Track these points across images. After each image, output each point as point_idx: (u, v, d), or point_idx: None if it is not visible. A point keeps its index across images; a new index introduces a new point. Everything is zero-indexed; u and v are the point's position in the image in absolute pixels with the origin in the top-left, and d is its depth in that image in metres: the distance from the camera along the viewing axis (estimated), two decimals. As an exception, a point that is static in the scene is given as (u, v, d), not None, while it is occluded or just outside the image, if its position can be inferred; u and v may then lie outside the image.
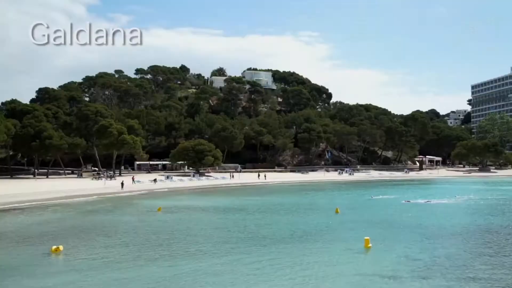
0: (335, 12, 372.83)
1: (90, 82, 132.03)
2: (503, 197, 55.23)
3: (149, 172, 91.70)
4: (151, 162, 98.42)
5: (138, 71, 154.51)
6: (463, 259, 21.80)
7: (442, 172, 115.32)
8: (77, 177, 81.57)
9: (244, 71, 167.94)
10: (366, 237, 24.43)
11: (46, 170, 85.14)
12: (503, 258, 22.06)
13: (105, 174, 79.85)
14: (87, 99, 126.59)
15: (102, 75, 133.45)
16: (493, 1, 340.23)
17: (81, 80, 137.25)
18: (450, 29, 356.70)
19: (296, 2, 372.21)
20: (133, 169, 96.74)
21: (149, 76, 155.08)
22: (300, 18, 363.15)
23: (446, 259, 21.67)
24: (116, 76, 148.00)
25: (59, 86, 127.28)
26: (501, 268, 20.19)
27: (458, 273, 19.28)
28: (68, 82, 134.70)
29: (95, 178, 77.94)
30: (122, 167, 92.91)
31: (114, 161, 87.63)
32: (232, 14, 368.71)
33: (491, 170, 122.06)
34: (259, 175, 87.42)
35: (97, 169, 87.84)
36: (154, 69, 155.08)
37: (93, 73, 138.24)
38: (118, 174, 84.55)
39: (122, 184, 63.79)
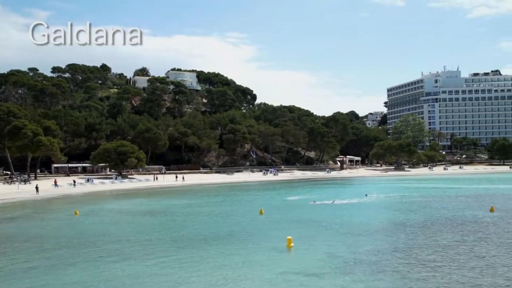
0: (262, 14, 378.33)
1: (0, 80, 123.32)
2: (419, 193, 58.64)
3: (68, 175, 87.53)
4: (70, 165, 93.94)
5: (55, 69, 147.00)
6: (381, 254, 22.71)
7: (361, 171, 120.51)
8: (-14, 182, 75.91)
9: (168, 71, 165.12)
10: (288, 237, 24.78)
11: (-50, 175, 78.57)
12: (419, 252, 23.25)
13: (18, 177, 75.10)
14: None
15: (14, 73, 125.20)
16: (409, 10, 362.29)
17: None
18: (372, 33, 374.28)
19: (224, 3, 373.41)
20: (50, 172, 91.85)
21: (67, 75, 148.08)
22: (227, 19, 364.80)
23: (366, 255, 22.45)
24: (31, 74, 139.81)
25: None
26: (417, 261, 21.29)
27: (377, 268, 20.05)
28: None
29: (7, 182, 73.03)
30: (38, 170, 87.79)
31: (28, 163, 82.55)
32: (159, 14, 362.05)
33: (405, 169, 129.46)
34: (176, 177, 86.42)
35: (9, 172, 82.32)
36: (72, 68, 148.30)
37: (3, 71, 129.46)
38: (33, 178, 79.90)
39: (37, 188, 60.35)
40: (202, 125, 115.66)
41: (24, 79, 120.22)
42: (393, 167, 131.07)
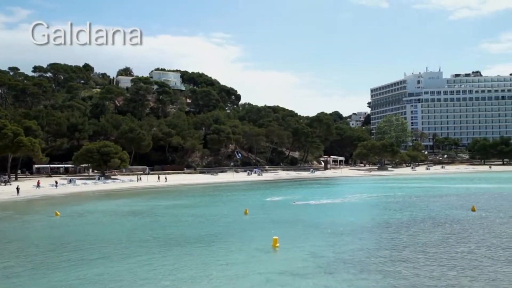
0: (247, 15, 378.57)
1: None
2: (402, 193, 59.17)
3: (50, 176, 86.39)
4: (51, 165, 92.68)
5: (36, 69, 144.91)
6: (365, 254, 22.89)
7: (345, 171, 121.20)
8: (-35, 183, 74.45)
9: (151, 71, 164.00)
10: (274, 237, 24.79)
11: None
12: (402, 251, 23.48)
13: (-2, 179, 73.90)
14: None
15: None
16: (393, 12, 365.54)
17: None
18: (355, 34, 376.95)
19: (209, 3, 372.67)
20: (31, 173, 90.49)
21: (49, 74, 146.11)
22: (212, 19, 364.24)
23: (349, 254, 22.62)
24: (11, 73, 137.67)
25: None
26: (399, 259, 21.49)
27: (361, 267, 20.22)
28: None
29: (-13, 183, 71.81)
30: (19, 171, 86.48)
31: (9, 164, 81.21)
32: (144, 13, 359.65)
33: (389, 169, 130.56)
34: (159, 178, 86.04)
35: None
36: (54, 67, 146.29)
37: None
38: (14, 179, 78.63)
39: (18, 189, 59.42)
40: (186, 125, 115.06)
41: (5, 79, 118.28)
42: (377, 167, 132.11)
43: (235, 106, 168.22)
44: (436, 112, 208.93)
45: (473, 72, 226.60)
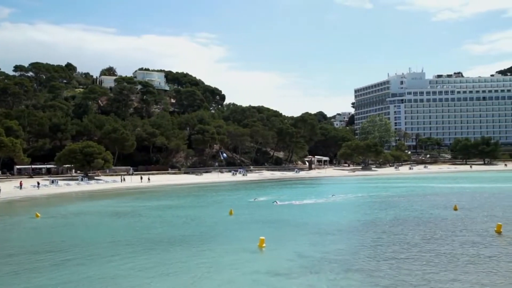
0: (232, 15, 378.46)
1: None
2: (386, 192, 59.69)
3: (31, 177, 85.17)
4: (33, 166, 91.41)
5: (17, 68, 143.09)
6: (349, 253, 23.05)
7: (330, 171, 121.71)
8: None
9: (135, 71, 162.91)
10: (261, 237, 24.77)
11: None
12: (386, 250, 23.66)
13: (-21, 180, 72.63)
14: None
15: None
16: (377, 13, 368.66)
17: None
18: (340, 35, 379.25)
19: (195, 3, 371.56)
20: (12, 174, 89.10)
21: (30, 74, 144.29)
22: (197, 19, 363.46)
23: (334, 254, 22.73)
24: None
25: None
26: (383, 258, 21.66)
27: (345, 266, 20.34)
28: None
29: (-33, 184, 70.47)
30: (0, 172, 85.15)
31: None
32: (128, 13, 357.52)
33: (372, 169, 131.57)
34: (141, 178, 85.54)
35: (-31, 174, 79.64)
36: (36, 67, 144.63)
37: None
38: (-6, 180, 77.45)
39: (-1, 190, 58.53)
40: (171, 125, 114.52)
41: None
42: (361, 167, 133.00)
43: (219, 106, 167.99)
44: (419, 112, 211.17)
45: (455, 73, 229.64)
